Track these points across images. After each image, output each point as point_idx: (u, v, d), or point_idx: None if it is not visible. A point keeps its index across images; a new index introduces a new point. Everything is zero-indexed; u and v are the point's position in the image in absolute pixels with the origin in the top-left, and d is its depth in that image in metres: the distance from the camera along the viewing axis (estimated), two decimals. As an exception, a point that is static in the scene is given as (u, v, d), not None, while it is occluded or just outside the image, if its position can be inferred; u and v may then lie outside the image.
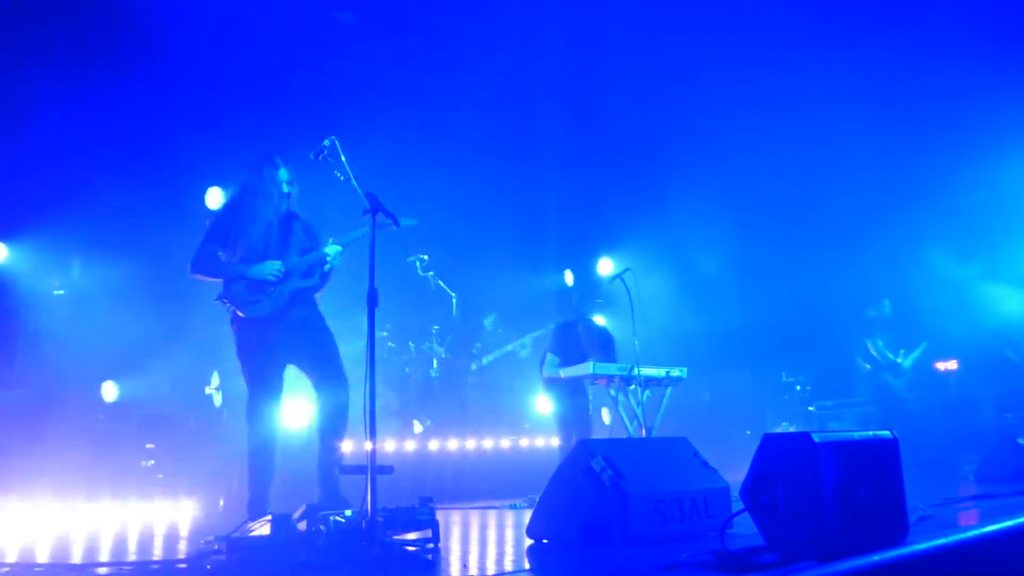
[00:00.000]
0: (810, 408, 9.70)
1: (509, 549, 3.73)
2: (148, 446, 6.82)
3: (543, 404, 7.50)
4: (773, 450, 2.85)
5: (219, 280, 4.61)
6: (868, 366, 8.20)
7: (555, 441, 7.26)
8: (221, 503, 6.31)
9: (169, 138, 7.62)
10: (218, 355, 7.57)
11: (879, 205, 9.09)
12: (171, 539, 4.50)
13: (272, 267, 4.56)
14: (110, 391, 7.19)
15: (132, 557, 3.72)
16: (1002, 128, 8.03)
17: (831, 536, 2.63)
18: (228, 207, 4.93)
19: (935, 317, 8.50)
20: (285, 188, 4.75)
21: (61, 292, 7.41)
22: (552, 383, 6.68)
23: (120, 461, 6.58)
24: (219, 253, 4.62)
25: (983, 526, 3.20)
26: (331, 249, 4.70)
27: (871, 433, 3.04)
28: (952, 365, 8.76)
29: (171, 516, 6.10)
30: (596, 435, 6.99)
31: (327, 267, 4.73)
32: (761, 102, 9.58)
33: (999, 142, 8.11)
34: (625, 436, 5.82)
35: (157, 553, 3.86)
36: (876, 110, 8.89)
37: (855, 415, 9.21)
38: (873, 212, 9.10)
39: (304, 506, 3.45)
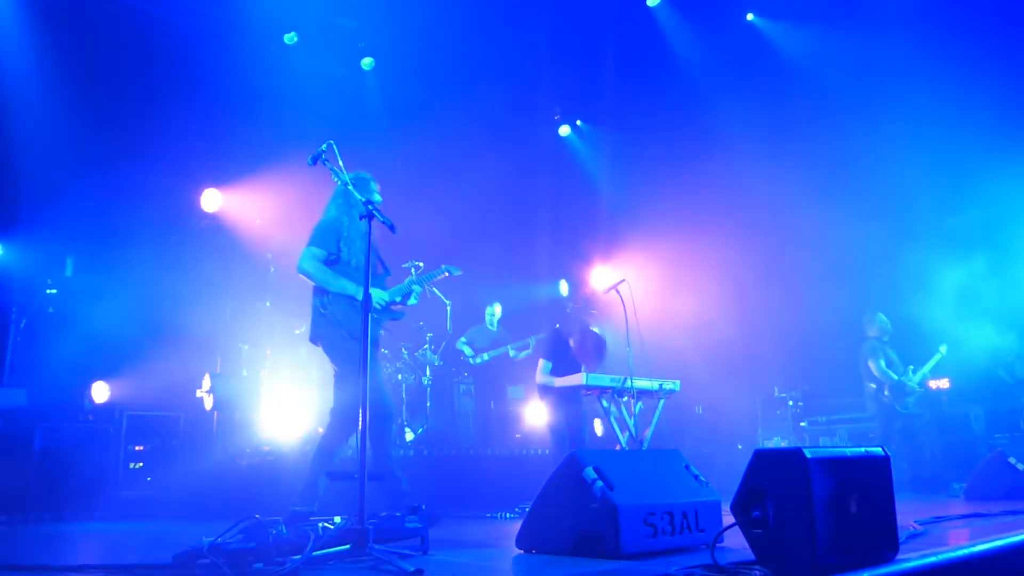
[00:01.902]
0: (802, 424, 9.70)
1: (498, 560, 3.71)
2: (137, 448, 6.78)
3: (537, 413, 7.48)
4: (765, 465, 2.84)
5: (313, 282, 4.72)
6: (873, 385, 8.18)
7: (547, 451, 7.23)
8: None
9: (165, 138, 7.62)
10: (210, 357, 7.56)
11: (877, 220, 9.12)
12: (156, 543, 4.47)
13: (380, 296, 4.70)
14: (100, 392, 7.15)
15: (116, 560, 3.68)
16: (1001, 146, 8.07)
17: (821, 552, 2.62)
18: (333, 217, 4.91)
19: (930, 336, 8.51)
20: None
21: (53, 291, 7.38)
22: (547, 391, 6.66)
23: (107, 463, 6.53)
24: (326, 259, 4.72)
25: (973, 545, 3.20)
26: (415, 288, 4.88)
27: (863, 449, 3.03)
28: (944, 383, 8.76)
29: (156, 519, 6.06)
30: (588, 446, 6.97)
31: (410, 302, 4.91)
32: (757, 111, 9.63)
33: (998, 160, 8.14)
34: (617, 448, 5.81)
35: (141, 557, 3.82)
36: (877, 119, 8.93)
37: (847, 431, 9.21)
38: (870, 227, 9.12)
39: (291, 511, 3.43)
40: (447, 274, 5.17)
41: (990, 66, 8.16)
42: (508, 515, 5.85)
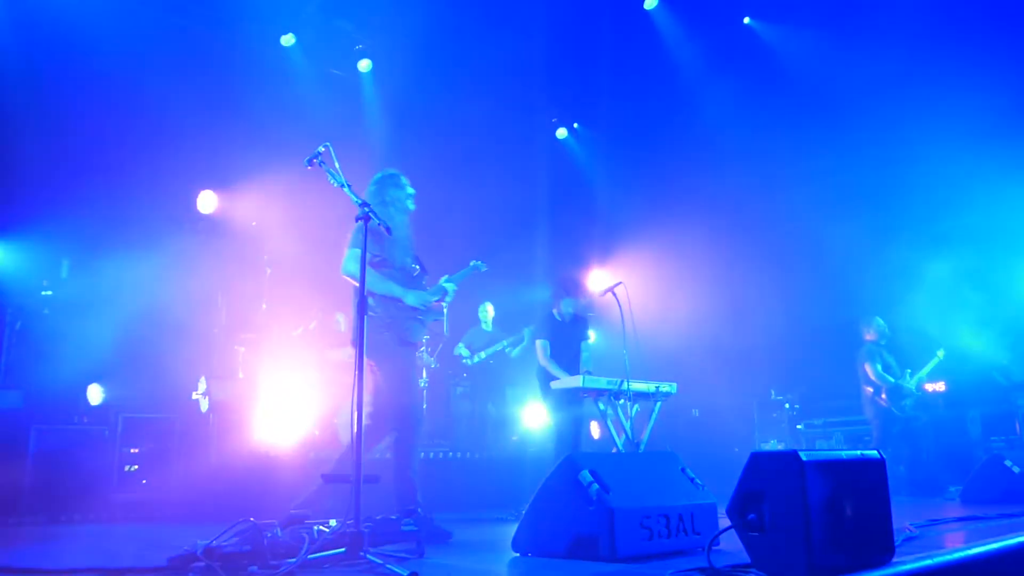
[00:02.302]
0: (799, 426, 9.70)
1: (494, 563, 3.70)
2: (132, 451, 6.76)
3: (537, 413, 7.45)
4: (761, 467, 2.84)
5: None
6: (870, 389, 8.19)
7: (545, 453, 7.22)
8: None
9: (162, 140, 7.61)
10: (206, 360, 7.54)
11: (873, 222, 9.13)
12: (151, 545, 4.46)
13: (423, 297, 4.68)
14: (95, 394, 7.14)
15: (110, 563, 3.67)
16: (993, 149, 8.09)
17: (817, 555, 2.62)
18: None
19: (925, 339, 8.52)
20: (411, 204, 4.89)
21: (49, 293, 7.36)
22: (548, 392, 6.65)
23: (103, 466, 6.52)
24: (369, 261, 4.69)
25: (969, 548, 3.20)
26: (449, 287, 4.86)
27: (859, 452, 3.03)
28: (940, 387, 8.78)
29: (151, 521, 6.04)
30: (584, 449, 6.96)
31: (447, 300, 4.91)
32: (753, 114, 9.66)
33: (990, 164, 8.16)
34: (614, 450, 5.80)
35: (136, 560, 3.81)
36: (871, 122, 8.96)
37: (843, 435, 9.22)
38: (866, 230, 9.13)
39: (288, 514, 3.42)
40: (477, 270, 5.23)
41: (982, 70, 8.18)
42: (505, 517, 5.84)
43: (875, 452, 3.08)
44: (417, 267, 4.86)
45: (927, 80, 8.50)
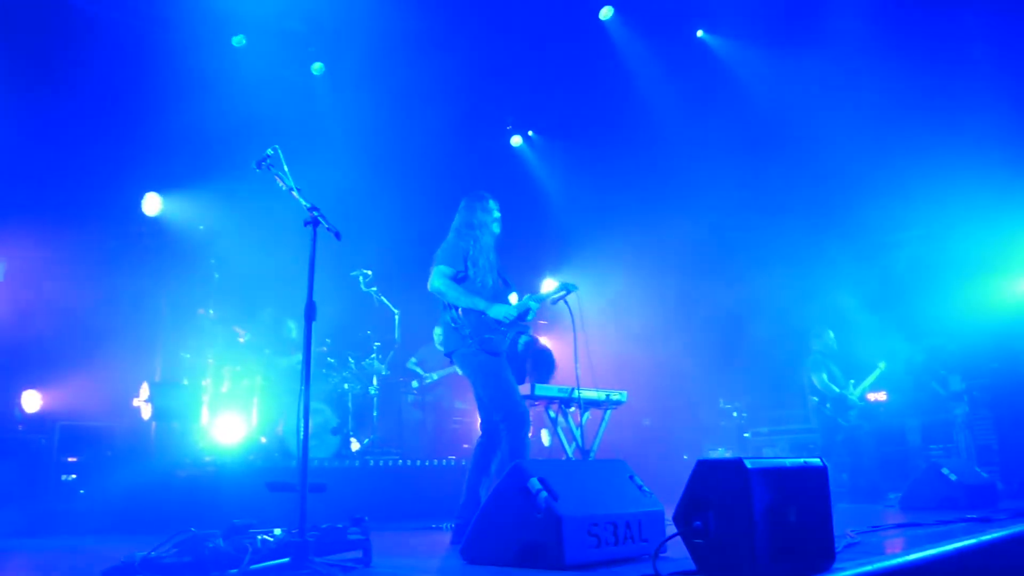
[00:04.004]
0: (746, 435, 9.86)
1: (442, 571, 3.67)
2: (70, 459, 6.55)
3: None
4: (706, 475, 2.87)
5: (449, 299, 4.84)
6: (815, 399, 8.35)
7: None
8: None
9: (104, 140, 7.42)
10: (149, 366, 7.36)
11: (821, 234, 9.35)
12: (87, 558, 4.32)
13: (508, 311, 4.83)
14: (32, 401, 6.91)
15: None
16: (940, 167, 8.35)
17: (760, 561, 2.66)
18: (457, 239, 5.05)
19: (869, 348, 8.73)
20: (496, 228, 5.11)
21: (-16, 296, 7.11)
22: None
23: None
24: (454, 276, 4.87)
25: (907, 554, 3.28)
26: (532, 304, 4.96)
27: (802, 460, 3.09)
28: (882, 396, 9.00)
29: (89, 533, 5.85)
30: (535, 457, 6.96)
31: (528, 318, 4.99)
32: (707, 125, 9.81)
33: (938, 179, 8.42)
34: (563, 458, 5.81)
35: (70, 573, 3.69)
36: (823, 135, 9.17)
37: (789, 443, 9.39)
38: (811, 239, 9.35)
39: (230, 523, 3.34)
40: (565, 292, 5.24)
41: (931, 86, 8.46)
42: (454, 526, 5.79)
43: (818, 460, 3.14)
44: (503, 284, 5.06)
45: (866, 95, 8.76)
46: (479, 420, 8.45)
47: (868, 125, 8.84)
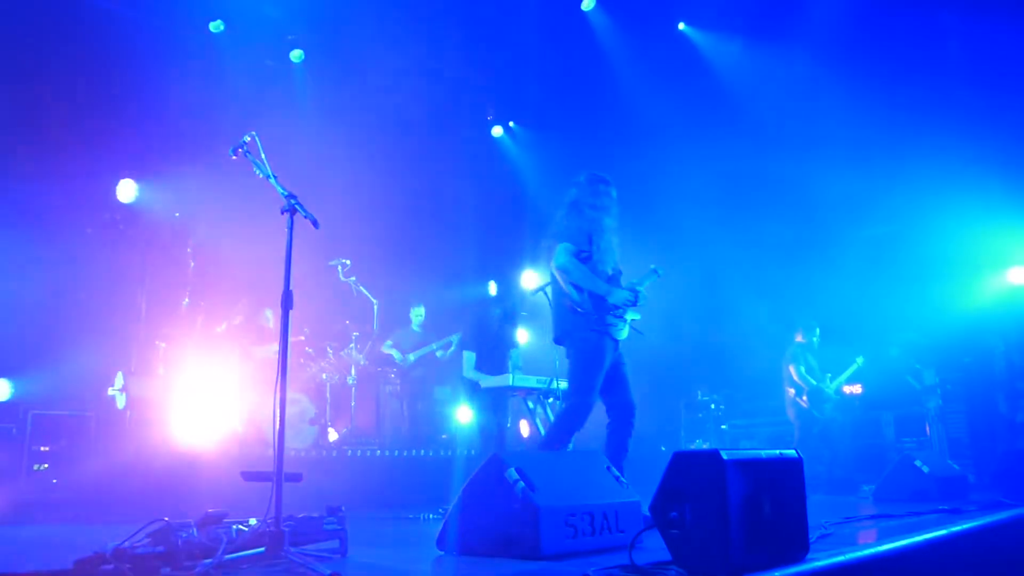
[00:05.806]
0: (723, 426, 9.93)
1: (418, 561, 3.66)
2: (43, 448, 6.46)
3: (463, 413, 7.44)
4: (683, 467, 2.87)
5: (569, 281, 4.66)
6: (792, 391, 8.42)
7: (473, 452, 7.20)
8: None
9: (78, 125, 7.29)
10: (124, 355, 7.26)
11: (797, 229, 9.41)
12: (59, 548, 4.26)
13: (625, 296, 4.72)
14: (3, 389, 6.80)
15: (12, 568, 3.50)
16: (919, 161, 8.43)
17: (735, 552, 2.67)
18: (586, 217, 4.84)
19: (845, 343, 8.82)
20: (615, 212, 4.89)
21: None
22: (475, 392, 6.63)
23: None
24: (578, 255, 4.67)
25: (880, 544, 3.32)
26: (641, 290, 4.86)
27: (778, 452, 3.10)
28: (857, 389, 9.10)
29: (61, 523, 5.78)
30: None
31: (640, 303, 4.87)
32: (686, 117, 9.83)
33: (909, 176, 8.50)
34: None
35: (41, 563, 3.64)
36: (798, 131, 9.22)
37: (766, 434, 9.47)
38: (792, 235, 9.40)
39: (205, 513, 3.30)
40: (655, 276, 5.20)
41: (904, 85, 8.53)
42: (431, 516, 5.80)
43: (794, 452, 3.16)
44: (612, 269, 4.90)
45: (851, 92, 8.81)
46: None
47: (844, 121, 8.90)
